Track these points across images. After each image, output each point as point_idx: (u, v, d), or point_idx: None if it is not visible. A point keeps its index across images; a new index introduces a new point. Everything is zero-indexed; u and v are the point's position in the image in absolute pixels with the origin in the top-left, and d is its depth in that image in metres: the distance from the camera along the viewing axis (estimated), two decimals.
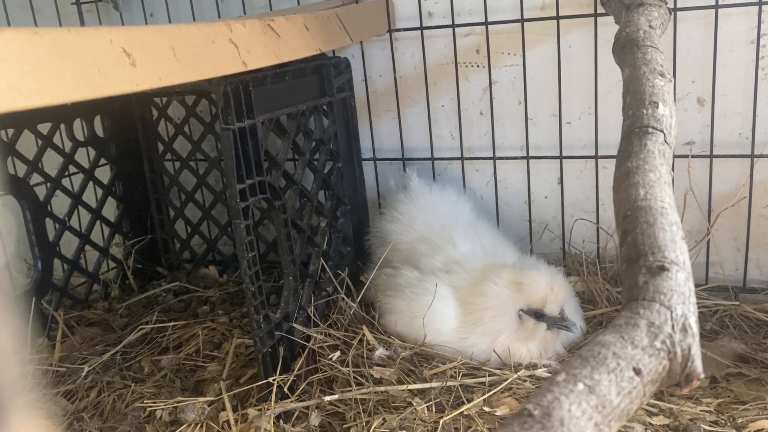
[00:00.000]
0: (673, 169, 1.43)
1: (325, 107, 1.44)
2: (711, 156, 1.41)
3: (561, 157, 1.54)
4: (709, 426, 1.10)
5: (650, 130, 0.70)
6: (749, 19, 1.33)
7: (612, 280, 1.51)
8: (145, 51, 0.71)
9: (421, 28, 1.56)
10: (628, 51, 0.88)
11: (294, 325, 1.28)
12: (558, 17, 1.44)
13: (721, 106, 1.40)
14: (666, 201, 0.60)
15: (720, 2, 1.33)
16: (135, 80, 0.67)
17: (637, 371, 0.45)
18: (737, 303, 1.43)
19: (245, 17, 1.16)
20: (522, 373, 1.19)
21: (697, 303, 1.45)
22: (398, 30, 1.58)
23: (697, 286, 1.49)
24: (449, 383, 1.18)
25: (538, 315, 1.24)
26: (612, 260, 1.55)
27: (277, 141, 1.32)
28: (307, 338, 1.30)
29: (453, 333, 1.27)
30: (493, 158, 1.60)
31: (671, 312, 0.49)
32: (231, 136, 1.09)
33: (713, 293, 1.47)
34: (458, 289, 1.30)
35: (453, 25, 1.53)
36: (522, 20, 1.47)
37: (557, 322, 1.25)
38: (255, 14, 1.50)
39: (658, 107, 0.73)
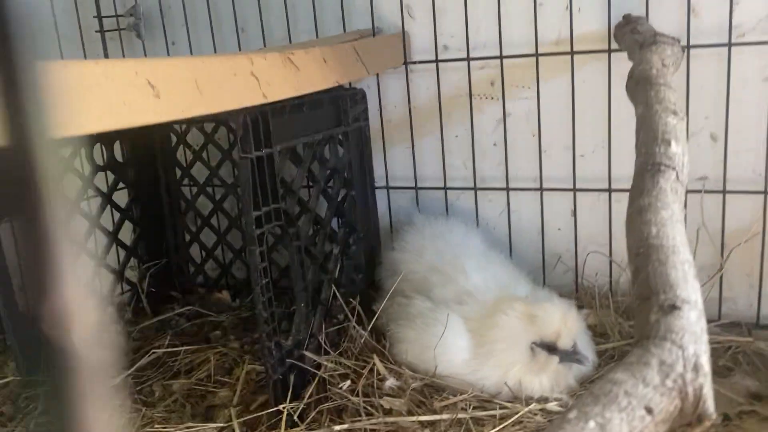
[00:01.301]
0: (685, 205, 1.44)
1: (340, 136, 1.46)
2: (724, 192, 1.42)
3: (575, 190, 1.54)
4: None
5: (663, 167, 0.71)
6: (762, 57, 1.34)
7: (624, 314, 1.50)
8: (169, 83, 0.73)
9: (437, 61, 1.59)
10: (641, 89, 0.89)
11: (305, 352, 1.29)
12: (572, 52, 1.45)
13: (734, 142, 1.40)
14: (678, 239, 0.61)
15: (733, 41, 1.35)
16: (159, 111, 0.69)
17: (649, 410, 0.45)
18: (751, 339, 1.41)
19: (266, 50, 1.18)
20: (533, 406, 1.18)
21: (710, 339, 1.44)
22: (414, 62, 1.60)
23: (710, 321, 1.48)
24: (459, 415, 1.17)
25: (550, 348, 1.23)
26: (624, 294, 1.54)
27: (292, 169, 1.34)
28: (318, 366, 1.31)
29: (464, 364, 1.27)
30: (507, 189, 1.61)
31: (683, 351, 0.50)
32: (249, 165, 1.11)
33: (726, 329, 1.46)
34: (470, 320, 1.30)
35: (468, 59, 1.55)
36: (537, 54, 1.49)
37: (570, 356, 1.24)
38: (276, 47, 1.52)
39: (670, 145, 0.74)
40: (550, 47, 1.49)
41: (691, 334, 0.51)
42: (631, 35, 1.15)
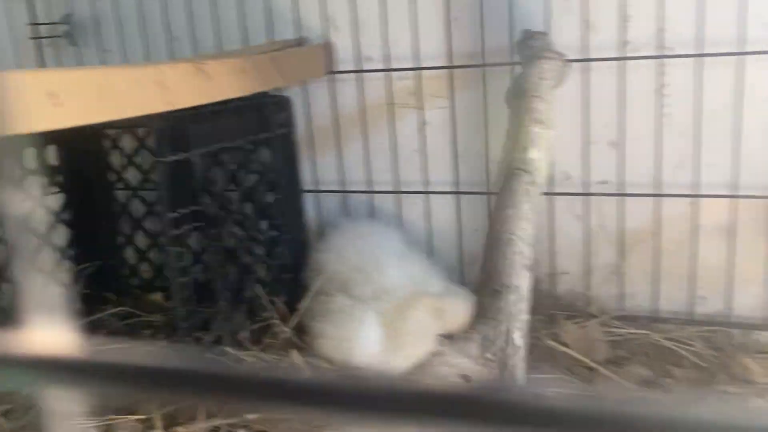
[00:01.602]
0: (590, 208, 1.54)
1: (265, 142, 1.53)
2: (623, 195, 1.53)
3: (488, 193, 1.64)
4: None
5: (518, 171, 0.80)
6: (653, 70, 1.46)
7: (532, 310, 1.60)
8: (71, 92, 0.80)
9: (359, 71, 1.67)
10: (515, 100, 0.98)
11: (226, 348, 1.35)
12: (484, 65, 1.55)
13: (631, 149, 1.51)
14: (517, 233, 0.70)
15: (627, 55, 1.46)
16: (58, 118, 0.76)
17: (466, 377, 0.53)
18: (647, 332, 1.52)
19: (179, 60, 1.24)
20: None
21: (611, 331, 1.56)
22: (337, 72, 1.68)
23: (613, 316, 1.60)
24: None
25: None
26: (533, 290, 1.64)
27: (216, 172, 1.40)
28: (239, 362, 1.37)
29: (377, 356, 1.35)
30: (426, 192, 1.70)
31: (502, 328, 0.58)
32: (164, 168, 1.17)
33: (627, 322, 1.57)
34: (384, 315, 1.39)
35: (388, 70, 1.64)
36: (451, 67, 1.58)
37: None
38: (201, 54, 1.59)
39: (529, 152, 0.83)
40: (464, 59, 1.58)
41: (508, 314, 0.59)
42: (524, 50, 1.24)
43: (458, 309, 1.32)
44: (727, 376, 1.41)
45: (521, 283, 0.64)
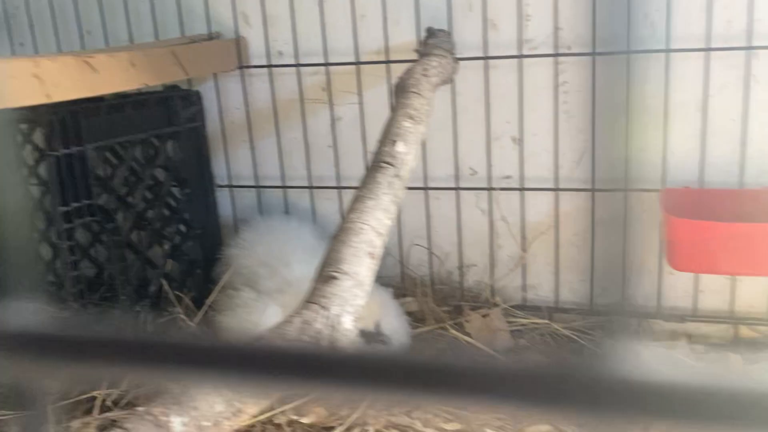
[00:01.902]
0: (495, 202, 1.58)
1: (172, 136, 1.52)
2: (522, 189, 1.57)
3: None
4: (495, 430, 1.23)
5: (383, 164, 0.82)
6: (551, 67, 1.50)
7: (441, 301, 1.64)
8: None
9: (270, 66, 1.68)
10: (397, 95, 1.01)
11: None
12: (388, 61, 1.58)
13: (531, 144, 1.56)
14: (371, 223, 0.72)
15: (526, 53, 1.50)
16: None
17: None
18: (548, 321, 1.57)
19: (61, 53, 1.24)
20: None
21: (514, 321, 1.60)
22: (248, 67, 1.69)
23: (516, 306, 1.64)
24: None
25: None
26: (443, 282, 1.68)
27: (112, 166, 1.40)
28: None
29: None
30: (338, 188, 1.72)
31: (327, 312, 0.60)
32: (55, 162, 1.16)
33: (530, 312, 1.61)
34: (287, 308, 1.40)
35: (297, 65, 1.65)
36: (357, 63, 1.60)
37: (373, 337, 1.36)
38: (91, 50, 1.58)
39: (396, 145, 0.86)
40: (371, 56, 1.61)
41: (341, 299, 0.62)
42: (423, 47, 1.27)
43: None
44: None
45: (361, 270, 0.66)
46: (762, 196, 1.39)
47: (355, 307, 0.64)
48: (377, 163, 0.83)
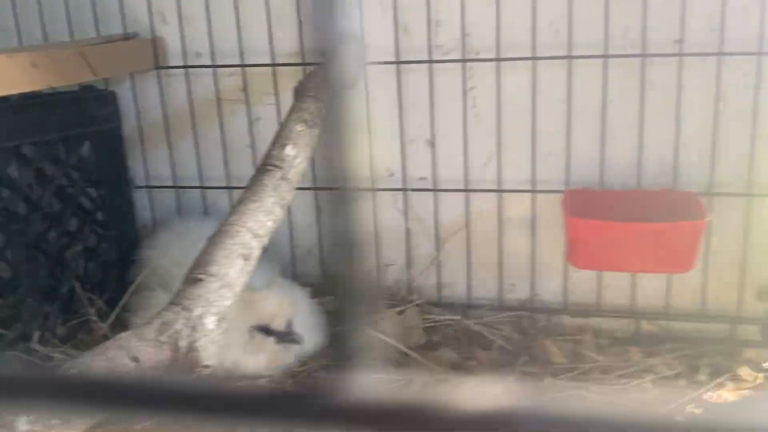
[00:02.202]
0: (410, 203, 1.62)
1: (85, 137, 1.51)
2: (435, 190, 1.62)
3: (315, 188, 1.69)
4: None
5: (270, 167, 0.85)
6: (460, 72, 1.55)
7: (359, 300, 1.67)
8: None
9: (186, 67, 1.68)
10: (295, 98, 1.04)
11: (33, 345, 1.34)
12: (303, 64, 1.60)
13: (444, 147, 1.60)
14: (249, 225, 0.74)
15: (437, 58, 1.54)
16: None
17: (135, 359, 0.57)
18: (461, 318, 1.62)
19: None
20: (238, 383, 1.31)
21: (429, 318, 1.64)
22: (165, 68, 1.69)
23: (432, 303, 1.69)
24: None
25: (266, 330, 1.37)
26: (364, 281, 1.71)
27: (19, 168, 1.38)
28: (50, 358, 1.36)
29: None
30: None
31: (190, 313, 0.62)
32: None
33: (446, 309, 1.66)
34: None
35: (214, 66, 1.66)
36: (273, 65, 1.62)
37: (284, 336, 1.38)
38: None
39: (285, 148, 0.88)
40: (287, 58, 1.63)
41: (205, 300, 0.64)
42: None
43: (267, 301, 1.37)
44: (528, 358, 1.52)
45: (231, 272, 0.68)
46: (658, 196, 1.47)
47: (220, 308, 0.66)
48: (264, 166, 0.85)
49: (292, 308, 1.40)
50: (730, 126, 1.45)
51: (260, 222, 0.76)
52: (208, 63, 1.68)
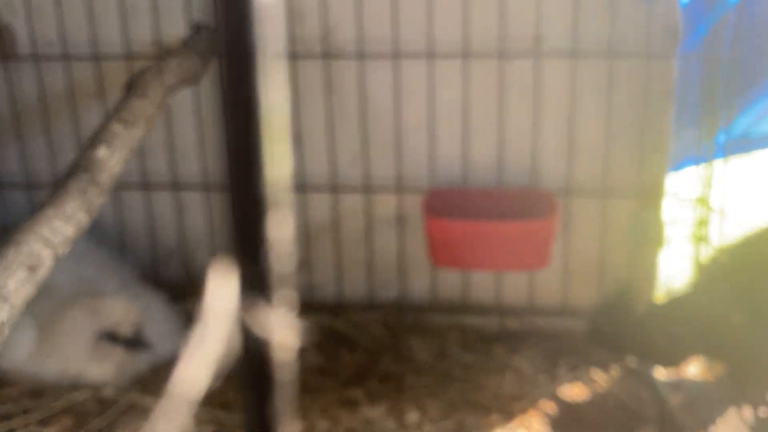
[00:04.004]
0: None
1: None
2: (303, 190, 1.62)
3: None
4: None
5: (79, 171, 0.82)
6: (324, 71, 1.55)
7: None
8: None
9: (37, 57, 1.62)
10: (123, 94, 1.01)
11: None
12: (160, 57, 1.56)
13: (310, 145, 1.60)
14: (42, 233, 0.72)
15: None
16: None
17: None
18: (331, 319, 1.63)
19: None
20: (81, 393, 1.28)
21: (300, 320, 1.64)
22: (13, 58, 1.61)
23: (302, 305, 1.68)
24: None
25: (113, 337, 1.34)
26: None
27: None
28: None
29: (30, 358, 1.33)
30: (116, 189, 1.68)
31: None
32: None
33: (313, 311, 1.65)
34: (39, 316, 1.36)
35: (65, 57, 1.61)
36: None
37: (132, 344, 1.35)
38: None
39: (98, 150, 0.86)
40: (145, 48, 1.59)
41: None
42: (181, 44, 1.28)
43: (113, 307, 1.34)
44: (393, 357, 1.55)
45: (8, 283, 0.66)
46: (516, 195, 1.52)
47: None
48: (72, 170, 0.83)
49: (141, 313, 1.37)
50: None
51: (55, 230, 0.74)
52: (60, 53, 1.61)
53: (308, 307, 1.68)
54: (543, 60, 1.49)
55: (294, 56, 1.54)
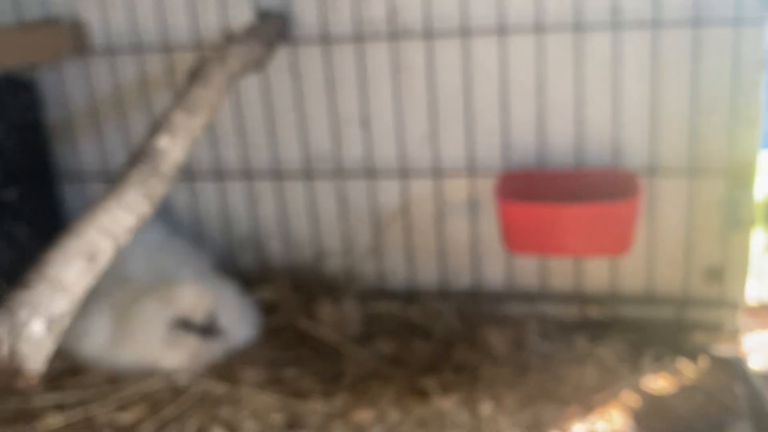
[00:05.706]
0: (347, 189, 1.61)
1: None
2: (373, 177, 1.61)
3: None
4: None
5: (140, 160, 0.84)
6: (389, 52, 1.54)
7: (297, 289, 1.67)
8: None
9: (111, 51, 1.67)
10: (186, 83, 1.02)
11: None
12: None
13: (378, 129, 1.59)
14: (102, 223, 0.74)
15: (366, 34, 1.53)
16: None
17: None
18: (402, 306, 1.62)
19: None
20: (156, 381, 1.32)
21: (368, 307, 1.63)
22: (87, 53, 1.67)
23: (374, 292, 1.68)
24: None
25: (187, 325, 1.37)
26: (301, 271, 1.71)
27: None
28: None
29: (105, 346, 1.38)
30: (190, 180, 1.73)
31: (13, 318, 0.62)
32: None
33: (384, 298, 1.65)
34: (116, 305, 1.41)
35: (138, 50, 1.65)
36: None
37: (206, 331, 1.38)
38: None
39: (160, 139, 0.87)
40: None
41: (31, 306, 0.63)
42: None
43: (186, 296, 1.38)
44: (467, 347, 1.52)
45: (68, 275, 0.68)
46: (595, 176, 1.46)
47: (50, 313, 0.66)
48: (133, 159, 0.85)
49: (214, 301, 1.40)
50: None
51: (116, 220, 0.76)
52: (131, 45, 1.66)
53: (380, 295, 1.68)
54: (622, 31, 1.42)
55: (360, 38, 1.54)
